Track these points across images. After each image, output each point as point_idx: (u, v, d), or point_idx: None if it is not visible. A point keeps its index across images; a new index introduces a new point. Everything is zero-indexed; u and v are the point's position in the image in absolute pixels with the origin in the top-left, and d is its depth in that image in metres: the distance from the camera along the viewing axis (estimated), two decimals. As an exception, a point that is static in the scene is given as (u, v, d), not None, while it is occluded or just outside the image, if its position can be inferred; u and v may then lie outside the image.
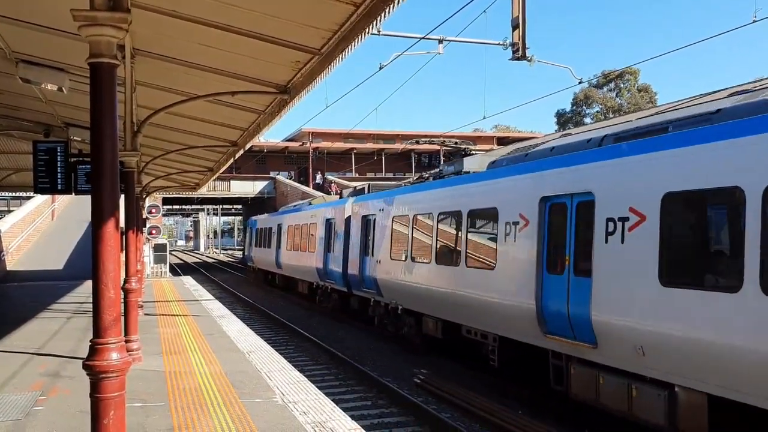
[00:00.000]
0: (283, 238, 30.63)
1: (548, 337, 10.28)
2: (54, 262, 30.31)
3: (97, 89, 4.25)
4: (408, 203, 16.24)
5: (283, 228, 30.91)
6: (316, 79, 8.09)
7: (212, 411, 7.63)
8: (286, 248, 29.57)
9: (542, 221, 10.60)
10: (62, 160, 12.93)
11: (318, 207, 25.66)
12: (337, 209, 22.48)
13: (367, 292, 18.81)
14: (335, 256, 21.77)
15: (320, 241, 23.77)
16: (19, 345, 12.02)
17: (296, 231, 28.04)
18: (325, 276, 23.11)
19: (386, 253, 17.01)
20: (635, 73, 69.40)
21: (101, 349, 4.18)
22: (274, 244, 32.58)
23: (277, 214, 34.91)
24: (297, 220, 28.41)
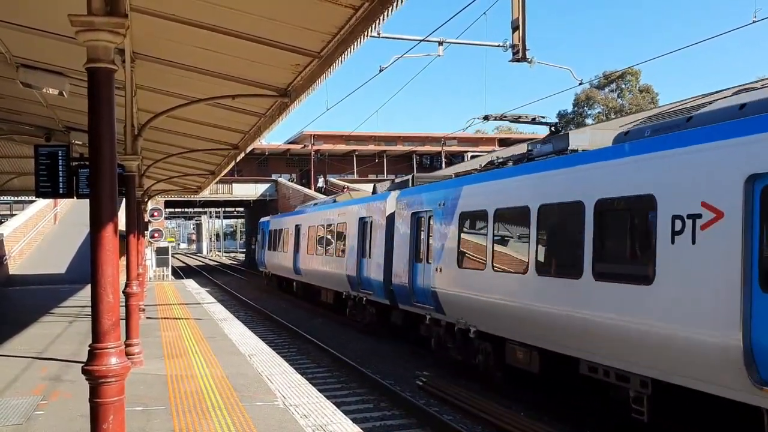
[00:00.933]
0: (302, 240, 27.24)
1: (765, 389, 6.85)
2: (56, 266, 30.34)
3: (94, 94, 4.25)
4: (486, 194, 12.48)
5: (302, 229, 27.55)
6: (316, 82, 8.09)
7: (213, 414, 7.62)
8: (307, 252, 26.13)
9: (750, 212, 7.16)
10: (64, 164, 12.96)
11: (347, 204, 22.15)
12: (373, 206, 19.06)
13: (420, 307, 15.11)
14: (372, 261, 18.42)
15: (352, 244, 20.29)
16: (20, 349, 12.02)
17: (319, 232, 24.53)
18: (359, 285, 19.64)
19: (450, 259, 13.47)
20: (636, 73, 69.32)
21: (100, 353, 4.17)
22: (290, 247, 29.19)
23: (293, 214, 31.62)
24: (320, 220, 24.85)
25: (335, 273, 21.99)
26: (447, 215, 13.77)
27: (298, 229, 28.24)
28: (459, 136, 59.78)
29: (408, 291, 15.70)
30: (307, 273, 26.35)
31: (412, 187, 17.25)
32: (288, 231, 30.10)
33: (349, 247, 20.53)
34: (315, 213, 26.24)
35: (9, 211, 53.85)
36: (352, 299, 20.80)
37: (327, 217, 23.79)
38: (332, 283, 22.81)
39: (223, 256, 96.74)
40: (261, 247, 37.65)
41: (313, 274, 25.57)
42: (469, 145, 62.33)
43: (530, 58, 17.87)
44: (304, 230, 27.06)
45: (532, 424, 10.16)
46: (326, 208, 24.74)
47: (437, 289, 13.99)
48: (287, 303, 30.34)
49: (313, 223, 25.61)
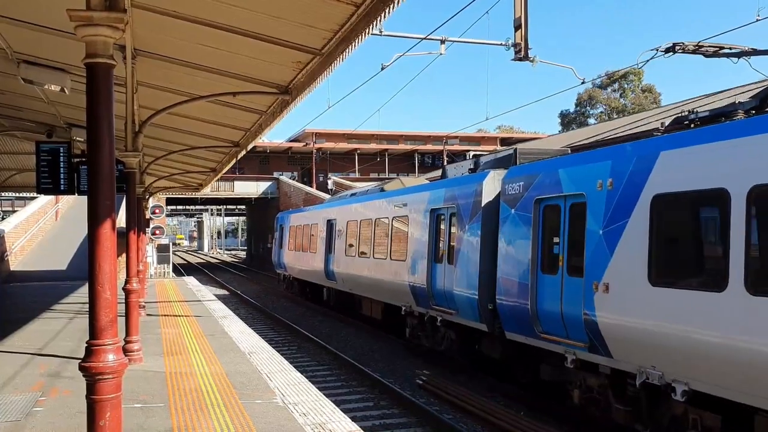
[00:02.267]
0: (337, 238, 22.25)
1: None
2: (57, 262, 30.35)
3: (93, 90, 4.23)
4: (725, 161, 7.45)
5: (336, 225, 22.59)
6: (317, 79, 8.07)
7: (212, 412, 7.61)
8: (345, 253, 21.10)
9: None
10: (65, 160, 12.99)
11: (407, 193, 17.00)
12: (458, 192, 13.65)
13: (550, 340, 10.41)
14: (457, 269, 13.31)
15: (418, 245, 15.39)
16: (20, 345, 12.02)
17: (363, 229, 19.65)
18: (430, 299, 14.57)
19: (632, 271, 8.58)
20: (639, 73, 69.26)
21: (97, 350, 4.16)
22: (320, 246, 24.19)
23: (323, 206, 26.34)
24: (363, 214, 19.82)
25: (389, 281, 16.98)
26: (623, 200, 8.85)
27: (331, 225, 23.31)
28: (461, 135, 59.78)
29: (529, 315, 10.78)
30: (345, 279, 21.21)
31: (525, 164, 11.97)
32: (316, 227, 25.18)
33: (414, 248, 15.59)
34: (355, 205, 21.15)
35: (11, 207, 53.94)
36: (416, 317, 15.76)
37: (375, 210, 18.79)
38: (383, 293, 17.80)
39: (224, 254, 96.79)
40: (279, 247, 32.45)
41: (353, 281, 20.40)
42: (470, 144, 62.31)
43: (532, 57, 17.82)
44: (341, 226, 22.02)
45: (532, 423, 10.14)
46: (371, 198, 19.71)
47: (599, 318, 9.07)
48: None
49: (353, 218, 20.72)
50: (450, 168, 16.57)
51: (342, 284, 21.86)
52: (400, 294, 16.39)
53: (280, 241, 32.67)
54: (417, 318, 15.72)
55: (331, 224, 23.32)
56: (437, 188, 15.06)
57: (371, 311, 19.66)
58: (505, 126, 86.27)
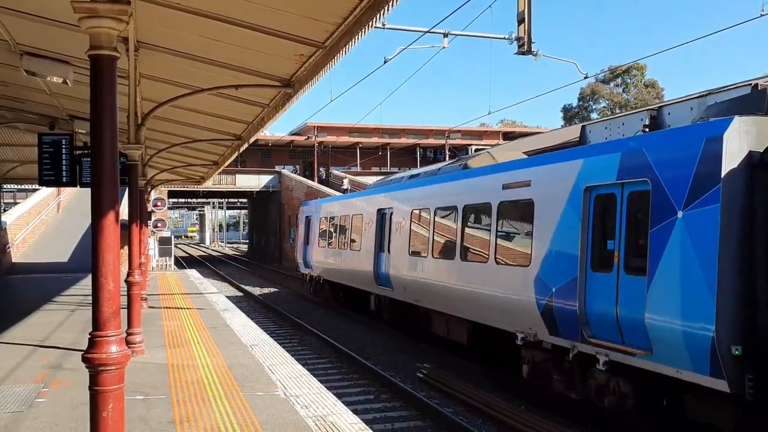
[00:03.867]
0: (395, 233, 17.36)
1: None
2: (59, 254, 30.41)
3: (97, 81, 4.23)
4: None
5: (393, 215, 17.70)
6: (320, 72, 8.07)
7: (214, 404, 7.64)
8: (410, 252, 16.17)
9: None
10: (67, 152, 12.98)
11: (540, 164, 11.33)
12: (652, 158, 8.68)
13: None
14: (652, 284, 8.45)
15: (556, 244, 10.32)
16: (22, 337, 12.06)
17: (441, 221, 14.72)
18: (585, 328, 9.51)
19: None
20: (642, 68, 69.13)
21: (100, 341, 4.17)
22: (367, 243, 19.36)
23: (372, 193, 20.99)
24: (443, 199, 14.70)
25: (492, 295, 12.04)
26: None
27: (383, 216, 18.57)
28: (463, 130, 59.70)
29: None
30: (408, 287, 16.25)
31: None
32: (359, 219, 20.51)
33: (548, 248, 10.47)
34: (424, 189, 16.14)
35: (12, 199, 53.98)
36: (543, 351, 10.76)
37: (461, 194, 13.75)
38: (476, 310, 12.85)
39: (226, 247, 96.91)
40: (304, 242, 27.60)
41: (420, 290, 15.55)
42: (473, 139, 62.24)
43: (535, 51, 17.82)
44: (400, 216, 17.07)
45: (532, 416, 10.17)
46: (451, 179, 14.67)
47: None
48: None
49: (422, 205, 15.81)
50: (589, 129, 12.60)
51: (401, 292, 16.76)
52: (513, 314, 11.30)
53: (306, 235, 27.46)
54: (547, 353, 10.61)
55: (383, 215, 18.52)
56: (599, 153, 9.69)
57: (448, 331, 14.70)
58: (508, 120, 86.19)
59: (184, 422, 6.94)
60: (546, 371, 10.86)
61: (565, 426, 9.89)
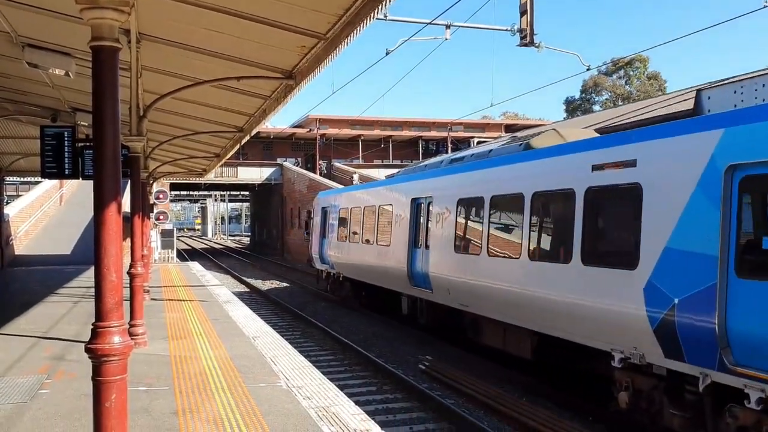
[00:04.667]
0: (435, 225, 14.88)
1: None
2: (62, 246, 30.47)
3: (99, 73, 4.23)
4: None
5: (433, 205, 15.08)
6: (321, 64, 8.06)
7: (216, 395, 7.67)
8: (456, 249, 13.78)
9: None
10: (69, 145, 13.01)
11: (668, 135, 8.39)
12: None
13: None
14: None
15: (672, 241, 8.01)
16: (25, 329, 12.10)
17: (498, 212, 12.74)
18: (727, 352, 7.16)
19: None
20: (644, 60, 68.95)
21: (103, 332, 4.19)
22: (400, 237, 16.98)
23: (405, 180, 17.98)
24: (500, 186, 12.39)
25: (579, 304, 9.60)
26: None
27: (418, 207, 16.20)
28: (465, 122, 59.65)
29: None
30: (452, 288, 13.87)
31: None
32: (389, 210, 18.11)
33: (658, 245, 8.24)
34: (471, 175, 13.57)
35: (15, 191, 54.07)
36: (660, 380, 8.55)
37: (525, 180, 11.40)
38: (547, 321, 10.57)
39: (228, 240, 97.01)
40: (320, 236, 25.10)
41: (468, 293, 13.17)
42: (475, 131, 62.16)
43: (538, 42, 17.80)
44: (442, 206, 14.54)
45: (533, 408, 10.20)
46: (509, 162, 12.28)
47: None
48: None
49: (473, 193, 13.26)
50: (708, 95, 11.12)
51: (443, 295, 14.37)
52: (608, 329, 9.05)
53: (322, 228, 25.05)
54: (658, 380, 8.54)
55: (419, 205, 16.14)
56: (750, 120, 7.25)
57: (505, 342, 12.52)
58: (510, 113, 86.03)
59: (186, 413, 6.97)
60: (653, 402, 8.63)
61: (566, 418, 9.93)
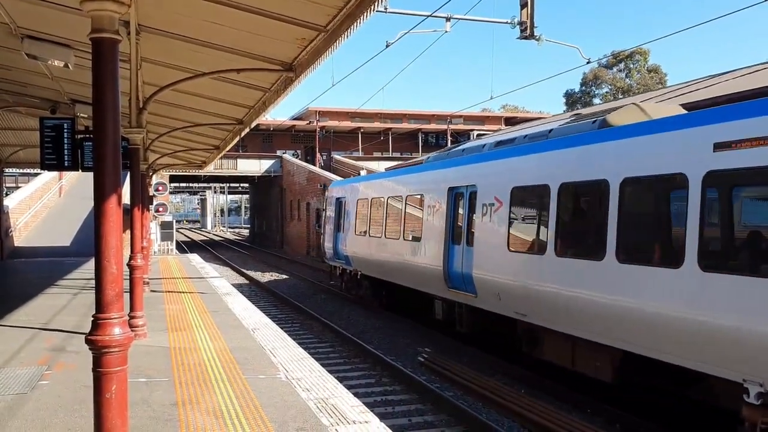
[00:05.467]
0: (482, 220, 12.75)
1: None
2: (61, 238, 30.47)
3: (99, 65, 4.23)
4: None
5: (478, 195, 12.99)
6: (321, 56, 8.04)
7: (216, 387, 7.69)
8: (510, 247, 11.77)
9: None
10: (69, 136, 12.99)
11: None
12: None
13: None
14: None
15: None
16: (25, 320, 12.12)
17: (574, 202, 10.90)
18: None
19: None
20: (645, 53, 68.81)
21: (103, 324, 4.21)
22: (434, 231, 14.85)
23: (434, 167, 15.83)
24: (575, 171, 10.30)
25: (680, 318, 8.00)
26: None
27: (457, 198, 14.06)
28: (465, 115, 59.56)
29: None
30: (505, 293, 11.83)
31: None
32: (420, 200, 15.95)
33: None
34: (529, 160, 11.61)
35: (14, 183, 54.04)
36: None
37: (609, 163, 9.50)
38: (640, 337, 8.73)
39: (227, 232, 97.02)
40: (335, 229, 23.03)
41: (530, 300, 11.06)
42: (475, 124, 62.09)
43: (538, 35, 17.75)
44: (489, 198, 12.48)
45: (532, 401, 10.24)
46: (583, 143, 10.27)
47: None
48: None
49: (531, 181, 11.37)
50: None
51: (491, 300, 12.34)
52: (742, 354, 7.23)
53: (336, 220, 22.92)
54: None
55: (458, 195, 14.00)
56: None
57: (574, 359, 10.48)
58: (510, 105, 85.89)
59: (186, 404, 7.00)
60: None
61: (565, 410, 9.97)
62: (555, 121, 13.48)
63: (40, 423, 6.39)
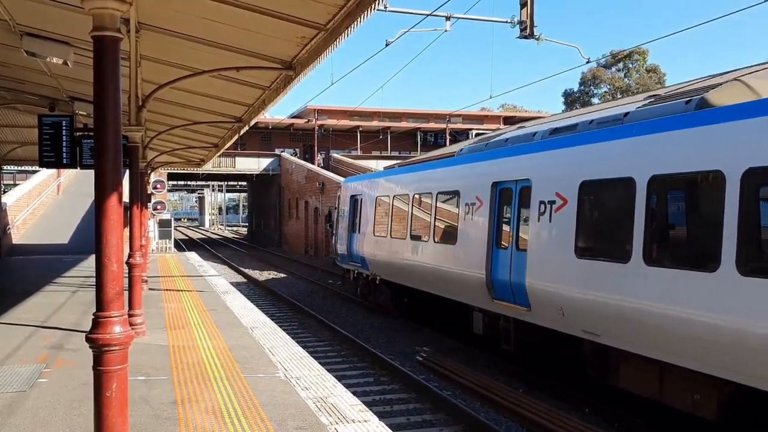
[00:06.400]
0: (539, 220, 10.77)
1: None
2: (60, 236, 30.45)
3: (100, 63, 4.22)
4: None
5: (529, 195, 11.15)
6: (321, 55, 8.03)
7: (215, 385, 7.69)
8: (579, 254, 9.75)
9: None
10: (67, 134, 12.95)
11: None
12: None
13: None
14: None
15: None
16: (24, 318, 12.11)
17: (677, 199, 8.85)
18: None
19: None
20: (644, 53, 68.84)
21: (104, 322, 4.20)
22: (473, 235, 13.00)
23: (471, 160, 13.98)
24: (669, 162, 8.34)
25: None
26: None
27: (502, 194, 12.23)
28: (464, 114, 59.55)
29: None
30: (569, 308, 9.94)
31: None
32: (454, 199, 13.98)
33: None
34: (607, 147, 9.61)
35: (12, 180, 53.98)
36: None
37: (724, 151, 7.64)
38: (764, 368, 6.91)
39: (225, 230, 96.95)
40: (349, 229, 21.20)
41: (605, 318, 9.24)
42: (473, 123, 62.08)
43: (538, 35, 17.76)
44: (549, 194, 10.62)
45: (530, 400, 10.25)
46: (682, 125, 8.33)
47: None
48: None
49: (610, 173, 9.43)
50: None
51: (550, 315, 10.43)
52: None
53: (351, 220, 21.11)
54: None
55: (506, 191, 12.11)
56: None
57: (662, 389, 8.75)
58: (509, 105, 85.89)
59: (185, 403, 7.00)
60: None
61: (563, 409, 9.98)
62: (620, 106, 11.41)
63: (40, 421, 6.39)
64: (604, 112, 11.04)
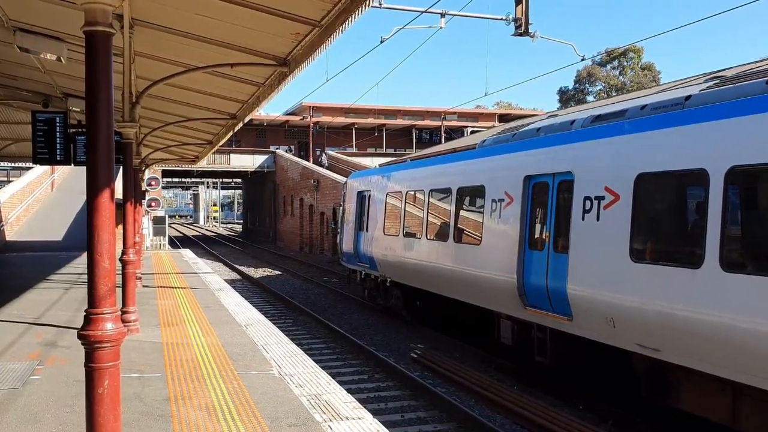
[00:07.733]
0: (582, 218, 9.51)
1: None
2: (53, 232, 30.36)
3: (92, 58, 4.20)
4: None
5: (571, 190, 9.85)
6: (316, 51, 8.01)
7: (208, 382, 7.67)
8: (634, 257, 8.53)
9: None
10: (61, 130, 12.94)
11: None
12: None
13: None
14: None
15: None
16: (17, 314, 12.06)
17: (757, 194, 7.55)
18: None
19: None
20: (639, 51, 68.98)
21: (96, 319, 4.18)
22: (500, 235, 11.83)
23: (495, 152, 12.75)
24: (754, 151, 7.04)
25: None
26: None
27: (535, 190, 11.10)
28: (459, 111, 59.56)
29: None
30: (621, 321, 8.75)
31: None
32: (479, 194, 12.78)
33: None
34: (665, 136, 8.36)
35: (6, 177, 53.78)
36: None
37: None
38: None
39: (220, 227, 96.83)
40: (356, 228, 20.04)
41: (662, 330, 8.10)
42: (468, 121, 62.09)
43: (533, 32, 17.76)
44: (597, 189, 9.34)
45: (523, 397, 10.27)
46: None
47: None
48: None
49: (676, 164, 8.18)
50: None
51: (597, 326, 9.30)
52: None
53: (358, 218, 19.90)
54: None
55: (541, 185, 10.92)
56: None
57: (735, 415, 7.70)
58: (504, 102, 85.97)
59: (179, 400, 6.98)
60: None
61: (558, 407, 10.00)
62: (675, 88, 10.25)
63: (32, 418, 6.36)
64: (659, 96, 9.62)
